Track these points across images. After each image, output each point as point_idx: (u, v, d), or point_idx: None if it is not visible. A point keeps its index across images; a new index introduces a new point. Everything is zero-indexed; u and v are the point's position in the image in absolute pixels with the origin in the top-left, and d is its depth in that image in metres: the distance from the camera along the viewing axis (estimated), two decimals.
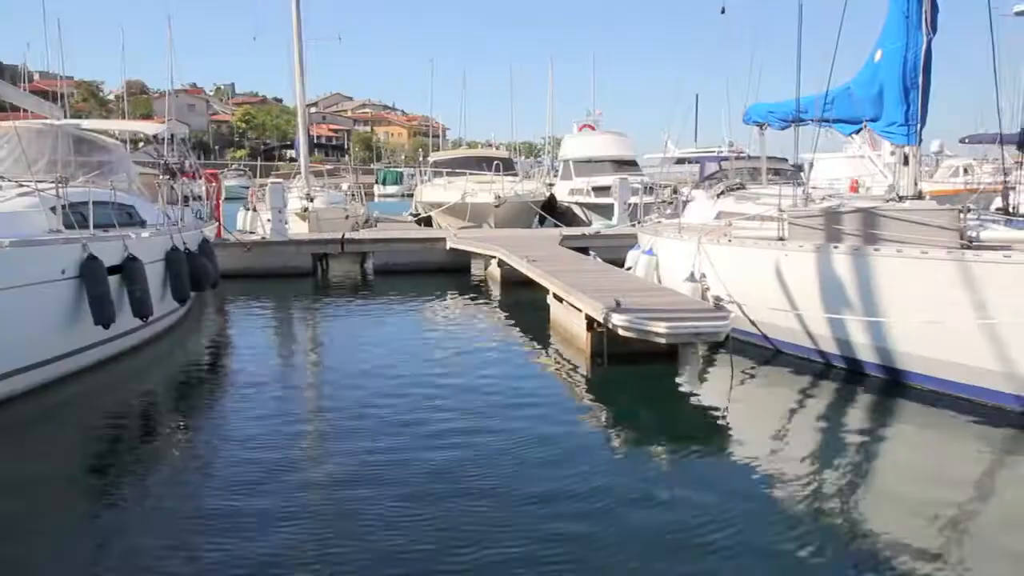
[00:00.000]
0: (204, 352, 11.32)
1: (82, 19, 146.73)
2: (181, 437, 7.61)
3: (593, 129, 31.44)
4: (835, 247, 8.67)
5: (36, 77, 61.57)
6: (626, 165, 27.35)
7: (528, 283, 14.02)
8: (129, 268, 9.63)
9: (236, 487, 6.07)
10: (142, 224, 11.43)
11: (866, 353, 8.74)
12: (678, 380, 9.41)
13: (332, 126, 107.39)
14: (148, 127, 14.72)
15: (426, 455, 6.77)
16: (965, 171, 29.45)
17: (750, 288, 9.89)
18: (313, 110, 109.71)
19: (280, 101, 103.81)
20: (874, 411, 8.31)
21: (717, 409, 8.44)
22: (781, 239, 9.47)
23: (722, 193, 13.24)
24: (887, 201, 9.83)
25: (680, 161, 34.26)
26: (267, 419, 7.89)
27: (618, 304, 8.88)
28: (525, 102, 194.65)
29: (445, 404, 8.43)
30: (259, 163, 45.00)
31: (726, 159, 30.66)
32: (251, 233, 20.71)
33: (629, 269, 13.35)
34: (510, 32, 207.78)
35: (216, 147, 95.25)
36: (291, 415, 8.16)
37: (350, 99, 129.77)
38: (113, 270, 9.41)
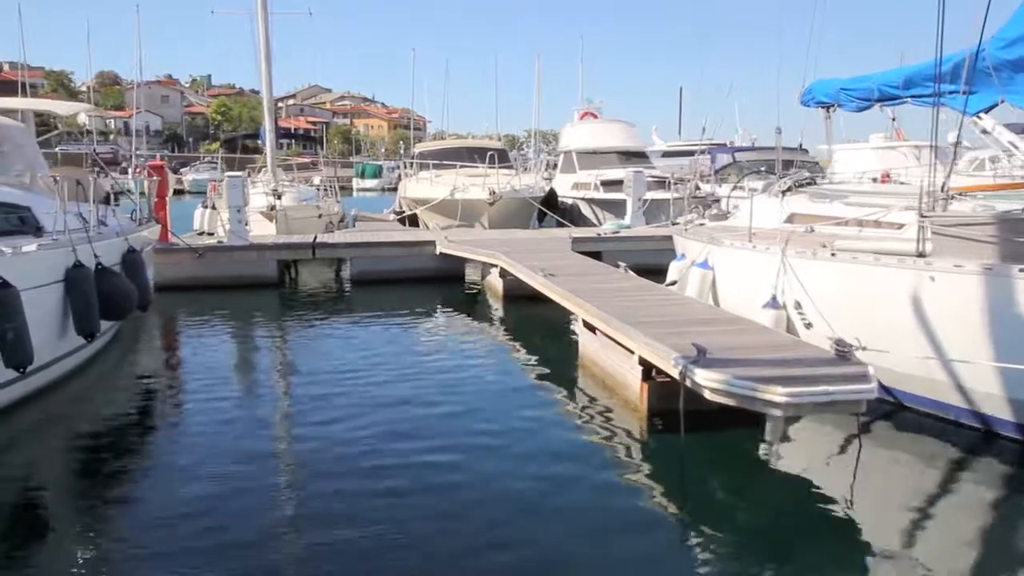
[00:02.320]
0: (116, 406, 8.25)
1: (57, 9, 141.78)
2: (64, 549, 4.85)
3: (596, 117, 28.59)
4: (1021, 270, 5.96)
5: (5, 68, 58.30)
6: (635, 157, 24.60)
7: (537, 297, 11.36)
8: None
9: None
10: (37, 232, 8.56)
11: None
12: (767, 450, 6.73)
13: (310, 118, 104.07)
14: (60, 106, 11.83)
15: (421, 540, 5.10)
16: (993, 164, 27.03)
17: (866, 321, 7.14)
18: (291, 102, 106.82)
19: (257, 93, 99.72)
20: None
21: (833, 495, 5.80)
22: (921, 255, 6.74)
23: (789, 189, 10.52)
24: None
25: (669, 154, 31.45)
26: (207, 511, 5.43)
27: (701, 353, 6.13)
28: (508, 96, 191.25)
29: (444, 465, 6.36)
30: (222, 155, 41.68)
31: (740, 150, 28.12)
32: (209, 235, 17.82)
33: (672, 284, 10.61)
34: (494, 26, 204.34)
35: (190, 139, 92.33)
36: (243, 495, 5.73)
37: (329, 91, 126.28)
38: None
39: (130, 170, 15.03)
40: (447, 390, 8.50)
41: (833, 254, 7.53)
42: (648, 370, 7.17)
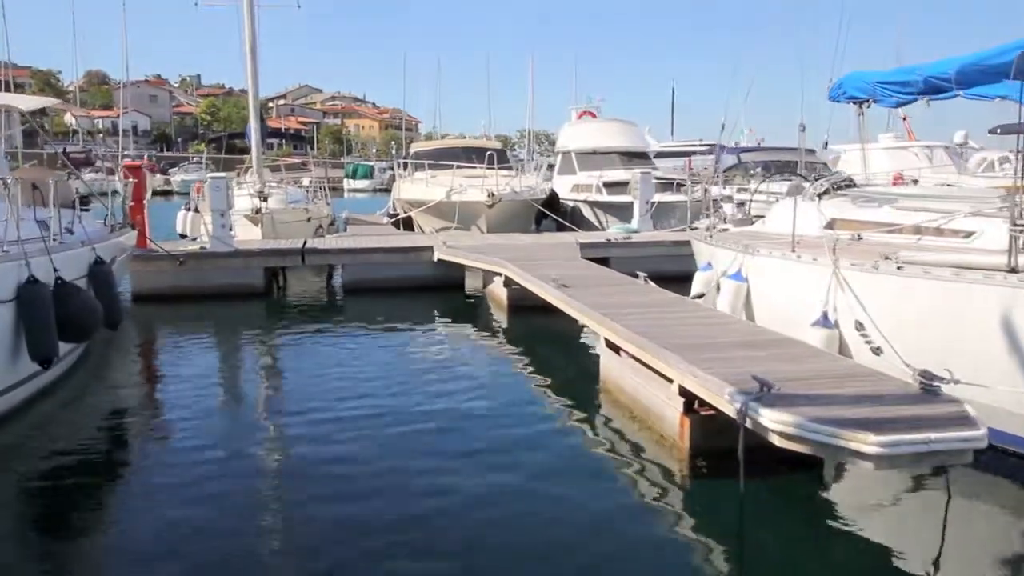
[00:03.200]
0: (76, 440, 7.11)
1: (46, 7, 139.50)
2: None
3: (594, 117, 27.59)
4: None
5: None
6: (636, 158, 23.64)
7: (544, 308, 10.50)
8: None
9: None
10: None
11: None
12: (832, 499, 5.77)
13: (301, 118, 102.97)
14: (21, 100, 10.77)
15: None
16: (1002, 165, 26.20)
17: (944, 346, 6.19)
18: (281, 102, 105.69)
19: (247, 93, 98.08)
20: None
21: (917, 557, 4.86)
22: (1014, 270, 5.79)
23: (826, 192, 9.57)
24: None
25: (661, 155, 30.38)
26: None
27: (765, 387, 5.16)
28: (500, 97, 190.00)
29: (447, 503, 5.61)
30: (207, 155, 40.59)
31: (745, 150, 27.21)
32: (192, 240, 16.78)
33: (698, 297, 9.66)
34: (487, 24, 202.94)
35: (179, 139, 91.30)
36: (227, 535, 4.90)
37: (319, 91, 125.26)
38: None
39: (117, 172, 13.96)
40: (450, 414, 7.64)
41: (899, 267, 6.57)
42: (690, 402, 6.21)
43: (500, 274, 12.76)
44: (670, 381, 6.43)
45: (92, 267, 9.01)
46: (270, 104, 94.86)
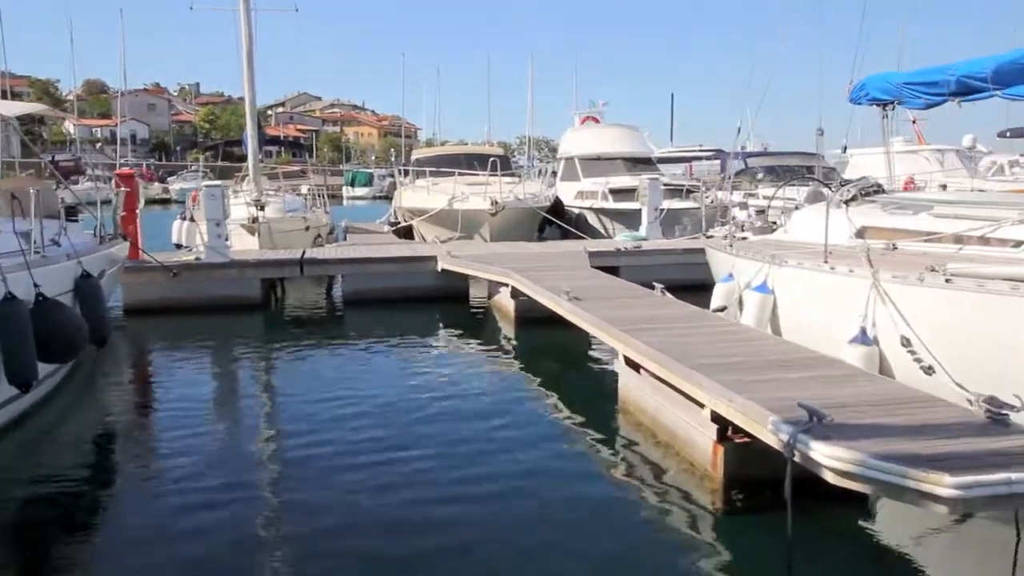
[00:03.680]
0: (57, 469, 6.59)
1: (46, 19, 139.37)
2: None
3: (597, 122, 27.13)
4: None
5: None
6: (641, 164, 23.14)
7: (553, 319, 10.00)
8: None
9: None
10: None
11: None
12: (885, 538, 5.24)
13: (300, 126, 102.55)
14: (6, 107, 10.28)
15: None
16: (1011, 169, 25.74)
17: (1006, 367, 5.67)
18: (280, 110, 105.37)
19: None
20: None
21: None
22: None
23: (853, 198, 9.07)
24: None
25: (662, 161, 29.82)
26: None
27: (815, 417, 4.64)
28: (500, 104, 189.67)
29: (452, 532, 5.26)
30: (203, 162, 40.17)
31: (751, 155, 26.78)
32: (187, 250, 16.28)
33: (720, 311, 9.14)
34: (486, 31, 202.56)
35: (178, 148, 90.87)
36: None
37: (318, 99, 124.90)
38: None
39: (111, 180, 13.50)
40: (456, 437, 7.18)
41: (948, 280, 6.06)
42: (724, 428, 5.69)
43: (506, 285, 12.25)
44: (701, 405, 5.92)
45: (78, 281, 8.49)
46: (269, 112, 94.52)
